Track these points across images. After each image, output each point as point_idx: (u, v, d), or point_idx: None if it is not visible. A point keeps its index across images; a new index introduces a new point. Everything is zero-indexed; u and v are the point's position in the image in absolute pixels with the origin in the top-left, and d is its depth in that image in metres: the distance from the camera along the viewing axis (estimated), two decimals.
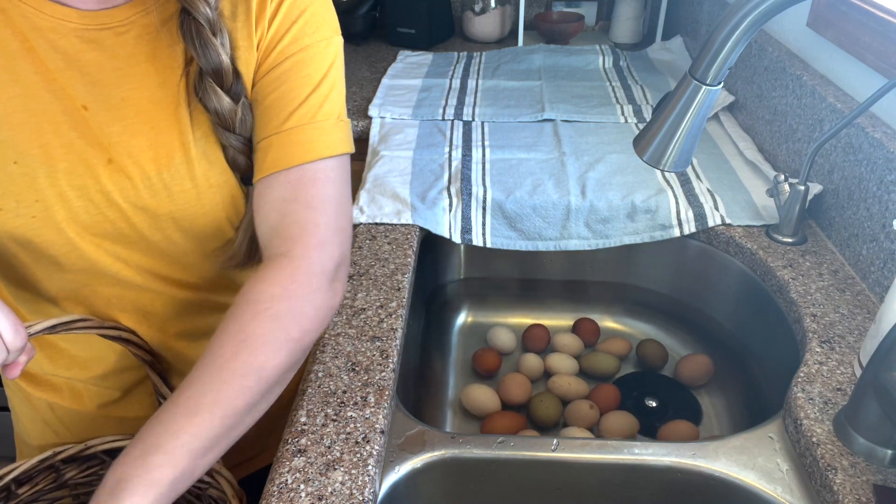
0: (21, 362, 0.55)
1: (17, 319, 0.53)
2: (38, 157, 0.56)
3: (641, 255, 0.99)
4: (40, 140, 0.56)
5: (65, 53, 0.56)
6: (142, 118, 0.58)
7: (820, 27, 0.98)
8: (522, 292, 1.06)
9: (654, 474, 0.65)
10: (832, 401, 0.65)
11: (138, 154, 0.58)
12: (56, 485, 0.72)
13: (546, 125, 1.19)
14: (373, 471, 0.59)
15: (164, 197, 0.60)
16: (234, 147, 0.60)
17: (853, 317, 0.76)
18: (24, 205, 0.57)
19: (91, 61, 0.57)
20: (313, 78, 0.59)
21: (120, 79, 0.57)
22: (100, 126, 0.57)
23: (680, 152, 0.60)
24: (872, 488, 0.57)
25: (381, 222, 0.93)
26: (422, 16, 1.60)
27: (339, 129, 0.60)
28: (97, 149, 0.57)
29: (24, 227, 0.57)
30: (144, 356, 0.67)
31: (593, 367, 0.93)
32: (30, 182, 0.56)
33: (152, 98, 0.58)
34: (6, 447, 1.67)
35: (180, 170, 0.59)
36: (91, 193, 0.58)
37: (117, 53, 0.57)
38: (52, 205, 0.57)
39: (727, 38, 0.53)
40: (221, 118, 0.58)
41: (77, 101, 0.56)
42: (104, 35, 0.57)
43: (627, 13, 1.63)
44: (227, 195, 0.62)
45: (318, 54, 0.60)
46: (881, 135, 0.79)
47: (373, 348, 0.72)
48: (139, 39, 0.58)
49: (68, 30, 0.56)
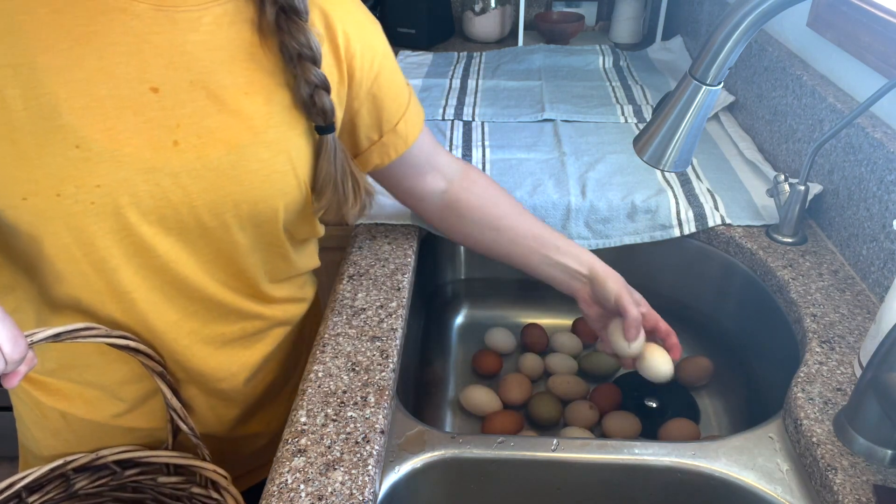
0: (20, 372, 0.54)
1: (16, 330, 0.52)
2: (101, 142, 0.56)
3: (641, 255, 0.99)
4: (105, 124, 0.56)
5: (136, 35, 0.56)
6: (211, 101, 0.59)
7: (820, 27, 0.98)
8: (522, 292, 1.06)
9: (654, 474, 0.65)
10: (832, 401, 0.65)
11: (207, 135, 0.59)
12: (66, 494, 0.71)
13: (546, 125, 1.19)
14: (373, 471, 0.59)
15: (229, 177, 0.61)
16: (321, 84, 0.63)
17: (853, 317, 0.76)
18: (83, 190, 0.56)
19: (162, 43, 0.57)
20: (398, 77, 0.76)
21: (190, 62, 0.58)
22: (170, 108, 0.58)
23: (680, 152, 0.60)
24: (872, 488, 0.57)
25: (381, 222, 0.93)
26: (422, 16, 1.60)
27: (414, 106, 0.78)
28: (165, 131, 0.58)
29: (83, 214, 0.57)
30: (154, 366, 0.66)
31: (593, 366, 0.92)
32: (92, 167, 0.56)
33: (221, 82, 0.59)
34: (6, 447, 1.67)
35: (247, 151, 0.61)
36: (157, 176, 0.58)
37: (188, 37, 0.58)
38: (114, 189, 0.57)
39: (727, 38, 0.53)
40: (311, 50, 0.61)
41: (147, 84, 0.57)
42: (177, 17, 0.57)
43: (627, 13, 1.63)
44: (287, 183, 0.64)
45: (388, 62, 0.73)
46: (881, 135, 0.79)
47: (373, 348, 0.72)
48: (212, 26, 0.59)
49: (140, 10, 0.56)
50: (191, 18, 0.58)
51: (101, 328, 0.61)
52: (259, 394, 0.80)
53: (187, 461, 0.72)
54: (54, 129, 0.54)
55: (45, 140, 0.54)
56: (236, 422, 0.79)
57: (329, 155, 0.67)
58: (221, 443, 0.78)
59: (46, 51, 0.54)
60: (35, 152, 0.54)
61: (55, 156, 0.55)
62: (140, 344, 0.64)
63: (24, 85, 0.53)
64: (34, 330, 0.56)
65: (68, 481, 0.71)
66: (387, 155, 0.76)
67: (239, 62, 0.60)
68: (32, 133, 0.54)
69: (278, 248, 0.71)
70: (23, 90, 0.53)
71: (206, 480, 0.72)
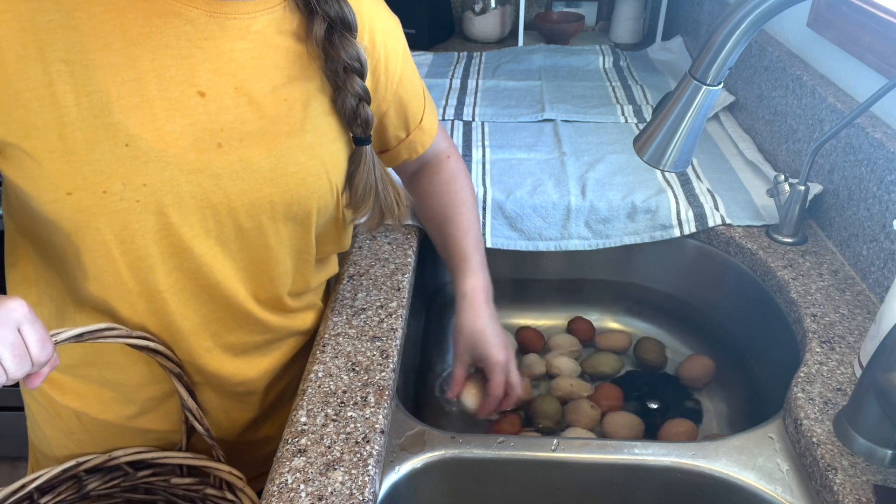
0: (43, 373, 0.54)
1: (45, 332, 0.53)
2: (150, 141, 0.56)
3: (641, 255, 0.99)
4: (154, 124, 0.56)
5: (189, 39, 0.57)
6: (254, 107, 0.61)
7: (820, 27, 0.98)
8: (522, 292, 1.06)
9: (654, 474, 0.65)
10: (832, 401, 0.65)
11: (248, 139, 0.61)
12: (78, 495, 0.71)
13: (546, 125, 1.19)
14: (373, 471, 0.59)
15: (267, 179, 0.63)
16: (365, 96, 0.65)
17: (853, 317, 0.76)
18: (130, 188, 0.57)
19: (211, 49, 0.58)
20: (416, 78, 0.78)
21: (237, 69, 0.59)
22: (215, 111, 0.59)
23: (680, 152, 0.60)
24: (872, 488, 0.57)
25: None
26: (422, 16, 1.60)
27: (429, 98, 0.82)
28: (209, 133, 0.59)
29: (127, 211, 0.58)
30: (173, 368, 0.66)
31: (595, 367, 0.93)
32: (140, 165, 0.57)
33: (264, 89, 0.61)
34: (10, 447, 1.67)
35: (285, 156, 0.63)
36: (200, 177, 0.59)
37: (237, 45, 0.59)
38: (159, 188, 0.58)
39: (727, 38, 0.53)
40: (359, 62, 0.64)
41: (195, 87, 0.58)
42: (228, 24, 0.59)
43: (628, 13, 1.63)
44: (319, 187, 0.66)
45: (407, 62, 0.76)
46: (881, 135, 0.79)
47: (373, 348, 0.72)
48: (260, 34, 0.60)
49: (194, 16, 0.57)
50: (240, 26, 0.59)
51: (122, 329, 0.61)
52: (273, 398, 0.80)
53: (201, 462, 0.72)
54: (104, 127, 0.55)
55: (94, 136, 0.55)
56: (249, 425, 0.79)
57: (368, 164, 0.69)
58: (234, 446, 0.78)
59: (101, 49, 0.54)
60: (84, 148, 0.55)
61: (104, 152, 0.55)
62: (159, 345, 0.64)
63: (76, 81, 0.54)
64: (58, 330, 0.56)
65: (80, 482, 0.71)
66: (415, 151, 0.80)
67: (281, 69, 0.62)
68: (82, 129, 0.55)
69: (307, 255, 0.72)
70: (75, 86, 0.54)
71: (220, 482, 0.72)
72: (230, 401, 0.75)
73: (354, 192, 0.70)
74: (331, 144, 0.66)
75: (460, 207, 0.84)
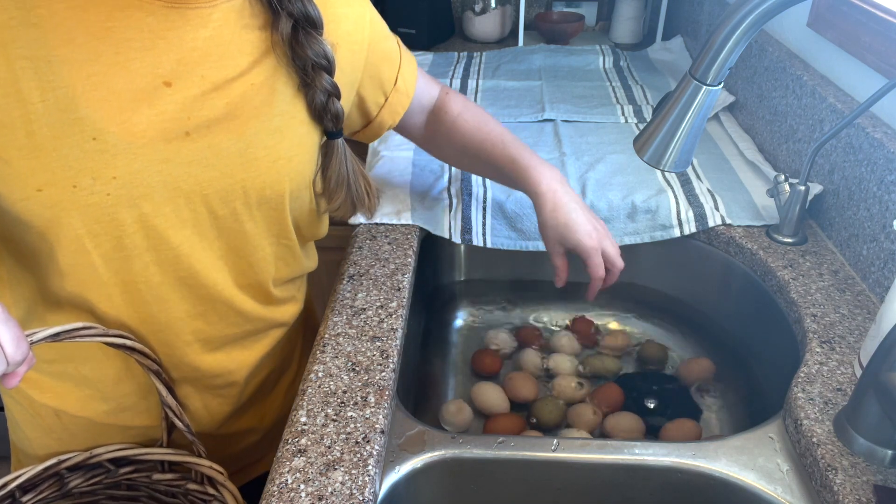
0: (20, 372, 0.54)
1: (19, 331, 0.53)
2: (117, 134, 0.57)
3: (642, 255, 0.99)
4: (121, 117, 0.57)
5: (150, 31, 0.57)
6: (220, 94, 0.61)
7: (820, 27, 0.98)
8: (522, 292, 1.06)
9: (654, 474, 0.65)
10: (832, 401, 0.65)
11: (216, 125, 0.61)
12: (60, 493, 0.71)
13: (546, 125, 1.19)
14: (373, 471, 0.59)
15: (237, 165, 0.63)
16: (334, 91, 0.66)
17: (853, 317, 0.76)
18: (100, 181, 0.57)
19: (174, 39, 0.58)
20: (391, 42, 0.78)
21: (201, 57, 0.59)
22: (181, 101, 0.59)
23: (680, 152, 0.60)
24: (872, 489, 0.57)
25: (381, 222, 0.93)
26: (422, 16, 1.60)
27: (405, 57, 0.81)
28: (177, 123, 0.59)
29: (98, 205, 0.58)
30: (151, 365, 0.66)
31: (595, 367, 0.92)
32: (108, 158, 0.57)
33: (230, 75, 0.61)
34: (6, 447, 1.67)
35: (254, 140, 0.63)
36: (170, 167, 0.59)
37: (199, 33, 0.59)
38: (129, 181, 0.58)
39: (727, 38, 0.53)
40: (326, 59, 0.64)
41: (160, 78, 0.58)
42: (189, 14, 0.58)
43: (628, 13, 1.63)
44: (291, 170, 0.66)
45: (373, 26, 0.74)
46: (881, 135, 0.79)
47: (373, 348, 0.72)
48: (221, 21, 0.60)
49: (155, 7, 0.57)
50: (201, 15, 0.59)
51: (98, 327, 0.61)
52: (252, 390, 0.80)
53: (183, 458, 0.72)
54: (71, 122, 0.55)
55: (61, 132, 0.55)
56: (229, 418, 0.79)
57: (340, 157, 0.70)
58: (215, 439, 0.78)
59: (65, 45, 0.54)
60: (52, 144, 0.55)
61: (72, 147, 0.55)
62: (137, 343, 0.64)
63: (41, 77, 0.54)
64: (33, 330, 0.56)
65: (62, 480, 0.71)
66: (396, 113, 0.81)
67: (246, 55, 0.62)
68: (49, 125, 0.55)
69: (286, 240, 0.72)
70: (40, 83, 0.54)
71: (201, 477, 0.72)
72: (209, 394, 0.75)
73: (327, 184, 0.71)
74: (300, 127, 0.66)
75: (483, 127, 0.86)
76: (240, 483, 0.85)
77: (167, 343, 0.68)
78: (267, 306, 0.75)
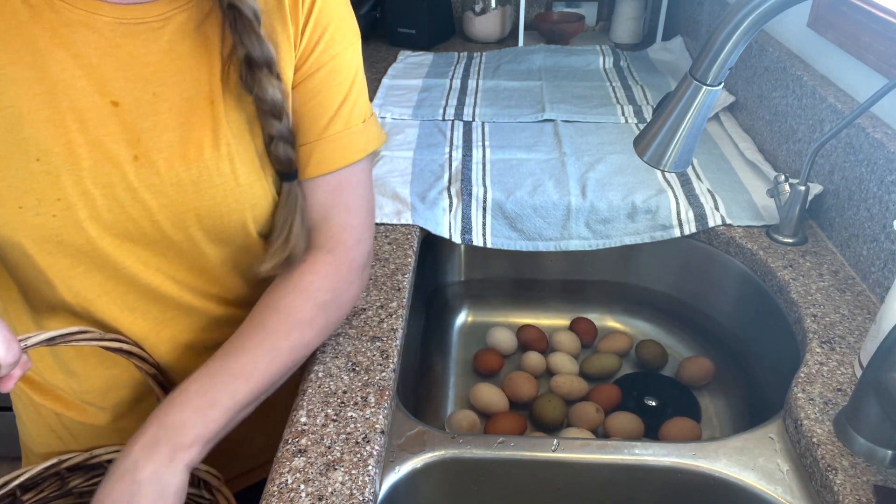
0: (15, 375, 0.54)
1: (10, 334, 0.52)
2: (61, 155, 0.55)
3: (642, 255, 0.99)
4: (65, 137, 0.55)
5: (97, 48, 0.55)
6: (174, 114, 0.58)
7: (820, 27, 0.98)
8: (523, 292, 1.06)
9: (654, 474, 0.65)
10: (832, 401, 0.65)
11: (168, 150, 0.58)
12: (61, 492, 0.71)
13: (546, 125, 1.19)
14: (373, 471, 0.59)
15: (190, 192, 0.60)
16: (281, 136, 0.61)
17: (853, 317, 0.76)
18: (45, 203, 0.56)
19: (124, 56, 0.56)
20: (344, 86, 0.64)
21: (153, 74, 0.57)
22: (130, 121, 0.57)
23: (680, 153, 0.60)
24: (873, 489, 0.57)
25: (382, 222, 0.93)
26: (422, 16, 1.60)
27: (367, 130, 0.66)
28: (124, 145, 0.57)
29: (45, 227, 0.57)
30: (148, 369, 0.66)
31: (595, 367, 0.93)
32: (52, 180, 0.56)
33: (185, 94, 0.58)
34: (8, 447, 1.67)
35: (209, 165, 0.60)
36: (116, 191, 0.58)
37: (151, 49, 0.57)
38: (74, 203, 0.57)
39: (727, 38, 0.53)
40: (274, 107, 0.59)
41: (107, 97, 0.56)
42: (139, 30, 0.56)
43: (628, 13, 1.63)
44: (253, 195, 0.62)
45: (347, 61, 0.64)
46: (881, 135, 0.79)
47: (373, 348, 0.72)
48: (175, 35, 0.58)
49: (102, 24, 0.55)
50: (152, 29, 0.57)
51: (94, 331, 0.61)
52: None
53: None
54: (16, 142, 0.54)
55: (6, 152, 0.54)
56: None
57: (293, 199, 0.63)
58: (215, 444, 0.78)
59: (11, 63, 0.53)
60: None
61: (17, 168, 0.55)
62: (134, 346, 0.64)
63: None
64: (28, 334, 0.56)
65: (63, 480, 0.71)
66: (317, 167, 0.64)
67: (203, 68, 0.59)
68: None
69: (255, 255, 0.67)
70: None
71: (198, 480, 0.72)
72: None
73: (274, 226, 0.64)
74: (262, 146, 0.62)
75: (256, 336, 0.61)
76: (243, 486, 0.84)
77: (151, 349, 0.67)
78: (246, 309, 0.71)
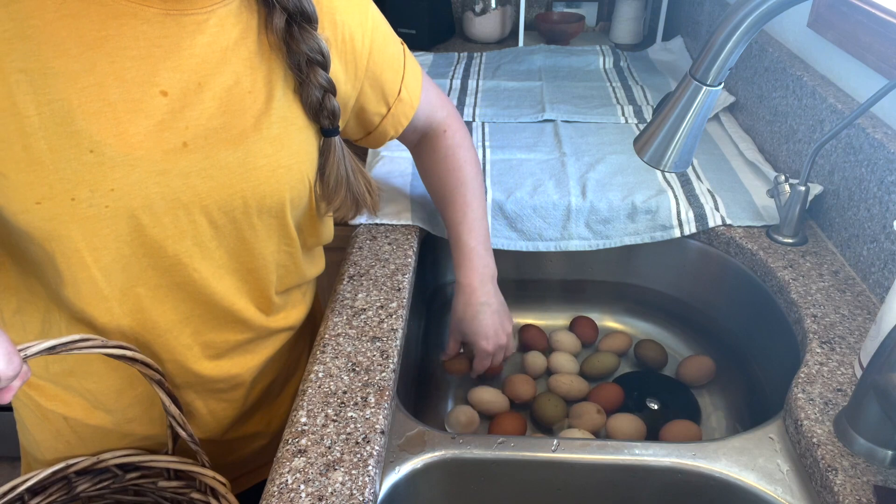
0: (14, 387, 0.54)
1: (10, 346, 0.52)
2: (114, 146, 0.56)
3: (642, 255, 0.99)
4: (118, 128, 0.56)
5: (146, 39, 0.56)
6: (216, 102, 0.60)
7: (820, 28, 0.98)
8: (523, 292, 1.06)
9: (654, 475, 0.65)
10: (833, 401, 0.65)
11: (214, 135, 0.60)
12: (68, 497, 0.71)
13: (546, 126, 1.19)
14: (373, 471, 0.59)
15: (236, 175, 0.62)
16: (326, 88, 0.65)
17: (854, 317, 0.76)
18: (98, 194, 0.57)
19: (171, 47, 0.58)
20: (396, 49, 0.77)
21: (198, 64, 0.59)
22: (179, 110, 0.58)
23: (680, 153, 0.60)
24: (873, 489, 0.57)
25: (382, 222, 0.93)
26: (422, 16, 1.60)
27: (409, 59, 0.79)
28: (174, 133, 0.58)
29: (96, 218, 0.57)
30: (153, 375, 0.66)
31: (595, 367, 0.93)
32: (106, 171, 0.56)
33: (226, 83, 0.60)
34: (10, 447, 1.67)
35: (252, 149, 0.63)
36: (169, 178, 0.59)
37: (196, 40, 0.59)
38: (128, 192, 0.58)
39: (728, 38, 0.53)
40: (320, 56, 0.63)
41: (156, 87, 0.57)
42: (185, 21, 0.58)
43: (628, 14, 1.63)
44: (291, 177, 0.66)
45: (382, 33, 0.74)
46: (882, 135, 0.79)
47: (373, 349, 0.72)
48: (220, 25, 0.60)
49: (150, 15, 0.56)
50: (197, 21, 0.59)
51: (97, 339, 0.60)
52: (258, 395, 0.79)
53: (187, 467, 0.72)
54: (68, 135, 0.55)
55: (58, 145, 0.55)
56: (235, 423, 0.79)
57: (338, 155, 0.69)
58: (221, 445, 0.78)
59: (59, 56, 0.54)
60: (49, 157, 0.55)
61: (69, 160, 0.55)
62: (138, 353, 0.64)
63: (36, 90, 0.53)
64: (28, 343, 0.55)
65: (70, 484, 0.71)
66: (399, 124, 0.80)
67: (243, 61, 0.62)
68: (46, 138, 0.54)
69: (288, 247, 0.71)
70: (35, 95, 0.53)
71: (205, 486, 0.72)
72: (214, 400, 0.75)
73: (326, 184, 0.70)
74: (298, 134, 0.66)
75: (458, 188, 0.85)
76: (247, 486, 0.85)
77: (169, 349, 0.68)
78: (269, 314, 0.74)
